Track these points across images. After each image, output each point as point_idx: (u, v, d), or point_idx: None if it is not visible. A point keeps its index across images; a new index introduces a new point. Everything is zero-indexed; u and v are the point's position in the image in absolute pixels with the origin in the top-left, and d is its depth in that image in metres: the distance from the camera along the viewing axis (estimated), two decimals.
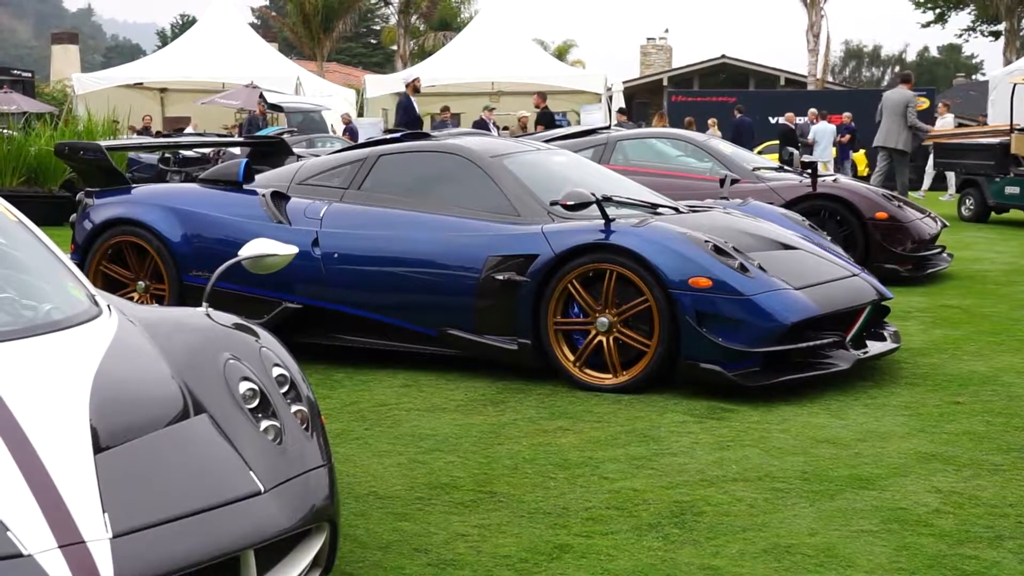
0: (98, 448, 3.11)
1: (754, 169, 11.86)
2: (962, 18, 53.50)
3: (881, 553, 4.12)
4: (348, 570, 3.91)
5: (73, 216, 8.35)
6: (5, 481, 2.91)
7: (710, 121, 25.02)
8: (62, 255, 4.35)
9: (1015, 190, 16.97)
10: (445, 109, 24.76)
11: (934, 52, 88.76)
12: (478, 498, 4.73)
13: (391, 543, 4.21)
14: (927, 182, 23.24)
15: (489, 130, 19.61)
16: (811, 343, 6.49)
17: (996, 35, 49.86)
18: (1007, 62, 38.50)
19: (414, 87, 19.97)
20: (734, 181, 10.73)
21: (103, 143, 8.85)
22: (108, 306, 4.07)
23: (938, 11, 53.11)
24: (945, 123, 22.68)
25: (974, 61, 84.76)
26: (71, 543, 2.81)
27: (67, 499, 2.91)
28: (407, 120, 18.72)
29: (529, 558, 4.08)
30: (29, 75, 41.38)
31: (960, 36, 57.54)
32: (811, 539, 4.26)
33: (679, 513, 4.54)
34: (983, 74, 62.92)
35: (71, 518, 2.87)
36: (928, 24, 54.81)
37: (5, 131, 15.62)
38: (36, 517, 2.84)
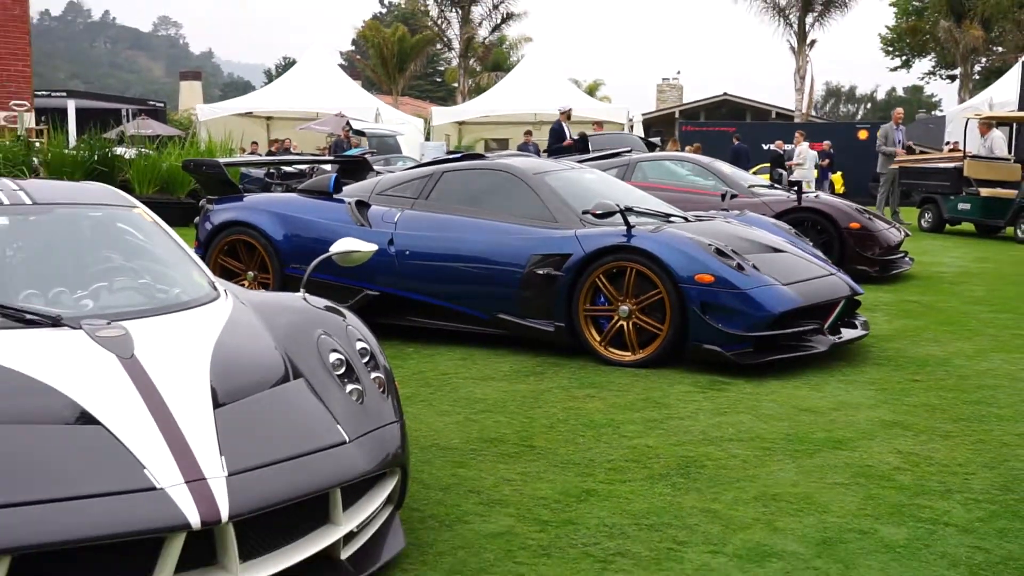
0: (216, 404, 3.16)
1: (750, 186, 11.81)
2: (924, 64, 53.04)
3: (851, 502, 4.12)
4: (415, 507, 3.94)
5: (197, 218, 8.46)
6: (142, 429, 2.96)
7: (695, 145, 24.62)
8: (188, 249, 4.41)
9: (967, 206, 16.97)
10: (528, 133, 24.21)
11: (900, 92, 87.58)
12: (520, 450, 4.76)
13: (450, 485, 4.26)
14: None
15: (531, 152, 19.43)
16: (795, 329, 6.47)
17: (952, 78, 49.49)
18: (961, 100, 38.16)
19: (567, 115, 19.13)
20: (733, 196, 10.77)
21: (221, 160, 8.89)
22: (224, 291, 4.12)
23: (904, 58, 52.71)
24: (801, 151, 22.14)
25: (933, 99, 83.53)
26: (194, 479, 2.85)
27: (192, 444, 2.96)
28: (557, 142, 18.05)
29: (562, 500, 4.10)
30: (161, 105, 41.85)
31: (922, 79, 56.97)
32: (793, 489, 4.26)
33: (684, 466, 4.55)
34: (941, 110, 62.20)
35: (195, 459, 2.91)
36: (896, 68, 54.35)
37: (143, 150, 15.79)
38: (167, 458, 2.89)
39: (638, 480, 4.35)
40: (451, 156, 8.86)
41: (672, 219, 7.32)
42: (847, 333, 6.95)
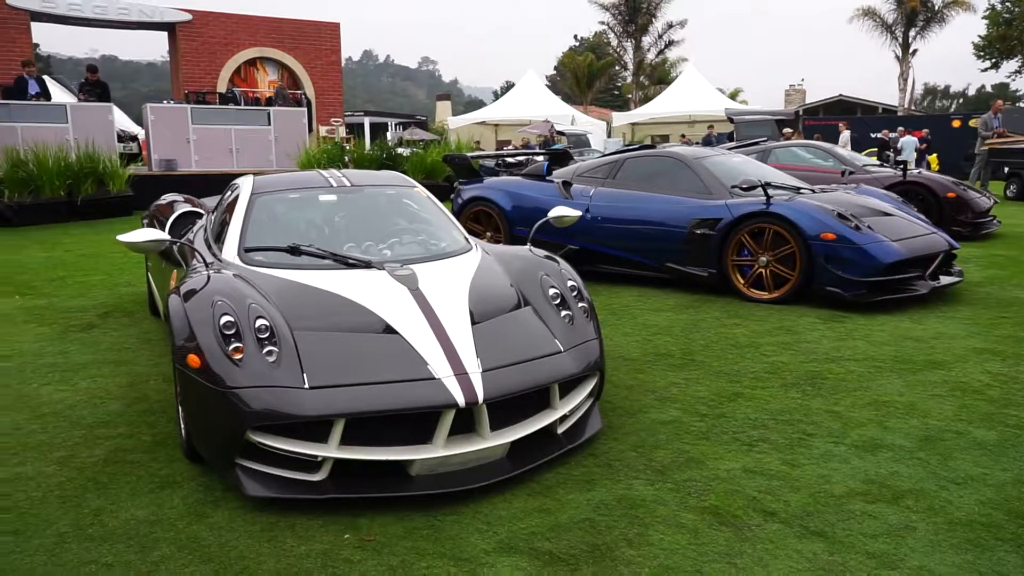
0: (473, 322, 3.25)
1: (863, 165, 10.97)
2: (1011, 64, 47.07)
3: (948, 409, 3.80)
4: (608, 400, 3.95)
5: (452, 195, 8.70)
6: (425, 338, 3.09)
7: (816, 135, 22.91)
8: (450, 216, 4.54)
9: None
10: (711, 127, 23.11)
11: (988, 88, 78.43)
12: (684, 362, 4.66)
13: (632, 386, 4.23)
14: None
15: (713, 142, 18.64)
16: (902, 276, 5.98)
17: None
18: None
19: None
20: (851, 173, 10.06)
21: (467, 155, 9.09)
22: (475, 245, 4.22)
23: (993, 60, 46.97)
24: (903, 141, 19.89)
25: (1018, 94, 74.37)
26: (460, 373, 2.96)
27: (458, 349, 3.07)
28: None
29: (716, 399, 4.00)
30: (423, 119, 43.03)
31: (1009, 77, 50.55)
32: (900, 398, 3.97)
33: (811, 378, 4.33)
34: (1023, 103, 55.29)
35: (460, 359, 3.02)
36: (985, 69, 48.34)
37: (414, 149, 16.32)
38: (442, 358, 3.01)
39: (775, 387, 4.18)
40: (629, 148, 8.67)
41: (802, 191, 6.89)
42: (945, 279, 6.36)
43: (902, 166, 10.50)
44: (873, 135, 25.55)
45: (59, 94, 17.95)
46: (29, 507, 2.91)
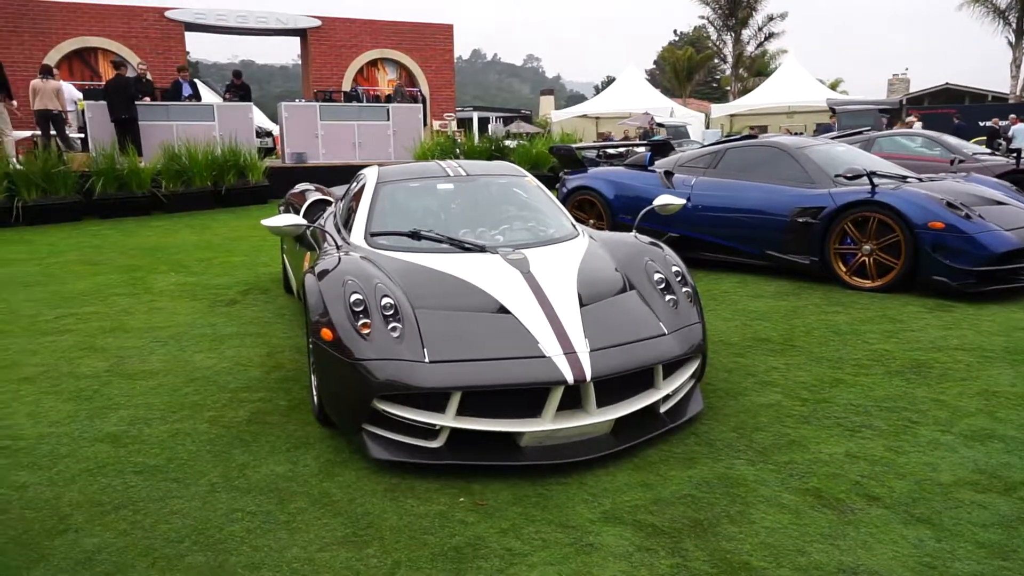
0: (581, 304, 3.23)
1: (973, 154, 10.18)
2: None
3: None
4: (709, 382, 3.85)
5: (557, 185, 8.65)
6: (536, 318, 3.09)
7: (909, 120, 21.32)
8: (558, 203, 4.52)
9: None
10: (833, 115, 21.79)
11: None
12: (784, 348, 4.48)
13: (732, 369, 4.10)
14: None
15: (832, 130, 17.72)
16: (1012, 265, 5.51)
17: None
18: None
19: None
20: (961, 161, 9.37)
21: (572, 146, 9.01)
22: (582, 231, 4.19)
23: None
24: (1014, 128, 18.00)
25: None
26: (569, 352, 2.95)
27: (567, 329, 3.05)
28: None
29: (817, 384, 3.83)
30: (528, 113, 43.13)
31: None
32: (1011, 388, 3.68)
33: (916, 366, 4.07)
34: None
35: (569, 339, 3.00)
36: None
37: (520, 141, 16.33)
38: (552, 338, 3.00)
39: (878, 374, 3.96)
40: (731, 138, 8.37)
41: (908, 180, 6.47)
42: None
43: (1015, 154, 9.70)
44: (982, 123, 23.74)
45: (207, 95, 19.02)
46: (187, 459, 3.12)
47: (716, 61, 50.23)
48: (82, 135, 14.18)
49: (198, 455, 3.15)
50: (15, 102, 12.40)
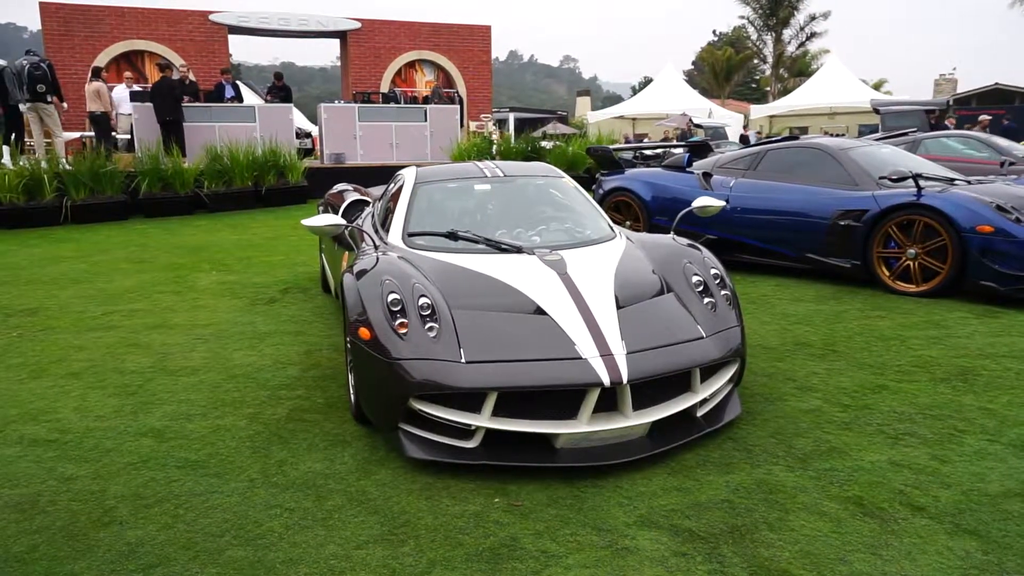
0: (618, 306, 3.21)
1: None
2: None
3: None
4: (747, 387, 3.79)
5: (594, 186, 8.62)
6: (573, 320, 3.08)
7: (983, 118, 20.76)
8: (596, 204, 4.49)
9: None
10: (881, 113, 21.05)
11: None
12: (825, 353, 4.40)
13: (772, 374, 4.04)
14: None
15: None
16: None
17: None
18: None
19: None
20: (1011, 164, 9.08)
21: (610, 147, 8.97)
22: (619, 232, 4.16)
23: None
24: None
25: None
26: (606, 354, 2.93)
27: (604, 331, 3.03)
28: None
29: (859, 390, 3.75)
30: (564, 113, 43.03)
31: None
32: None
33: (963, 373, 3.96)
34: None
35: (606, 341, 2.99)
36: None
37: (556, 143, 16.29)
38: (588, 339, 2.99)
39: (923, 381, 3.86)
40: (773, 139, 8.25)
41: (956, 182, 6.31)
42: None
43: None
44: None
45: (249, 97, 19.35)
46: (227, 455, 3.17)
47: (756, 61, 49.64)
48: (128, 136, 14.55)
49: (238, 451, 3.20)
50: (65, 104, 12.76)
